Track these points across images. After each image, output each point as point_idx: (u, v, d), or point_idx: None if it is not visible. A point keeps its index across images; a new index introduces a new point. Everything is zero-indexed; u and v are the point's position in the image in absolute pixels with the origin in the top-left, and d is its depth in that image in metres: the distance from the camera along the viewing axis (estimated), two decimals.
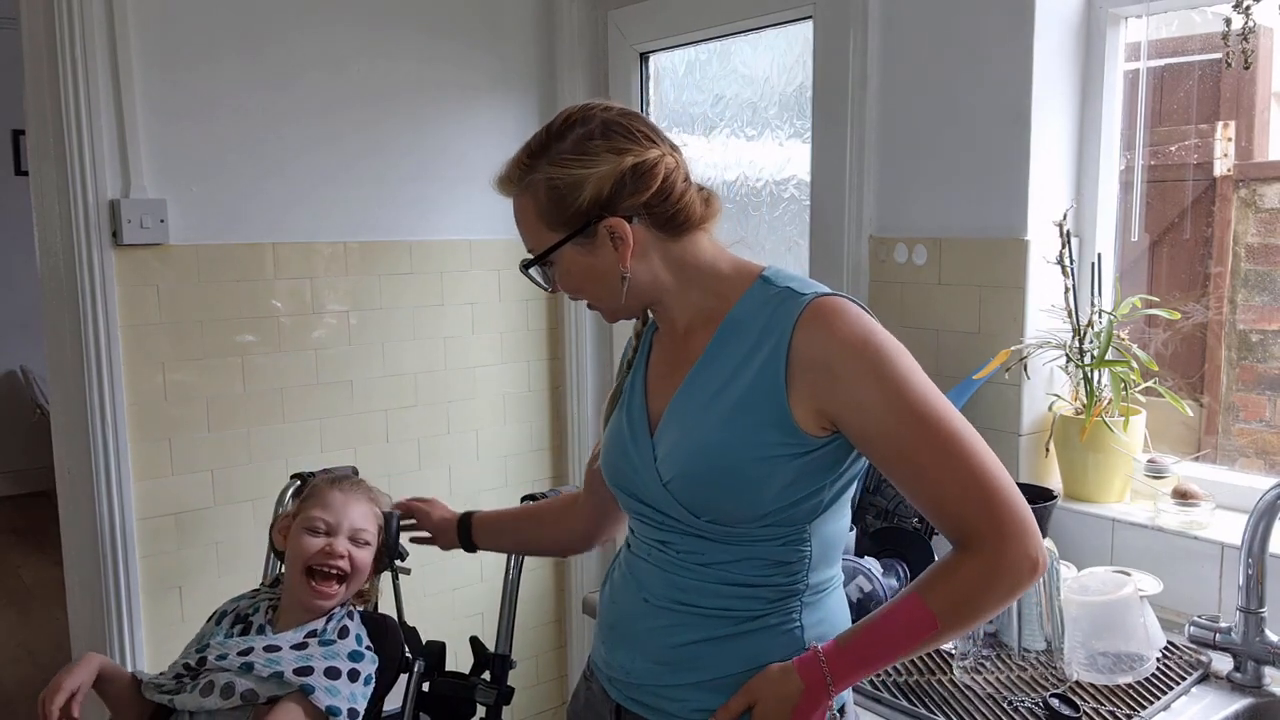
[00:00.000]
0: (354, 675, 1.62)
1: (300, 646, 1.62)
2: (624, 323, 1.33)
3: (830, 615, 1.23)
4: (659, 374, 1.28)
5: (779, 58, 2.46)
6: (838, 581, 1.25)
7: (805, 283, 1.20)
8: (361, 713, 1.62)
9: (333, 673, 1.60)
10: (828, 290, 1.17)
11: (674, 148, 1.21)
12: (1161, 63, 1.95)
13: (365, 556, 1.72)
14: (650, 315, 1.32)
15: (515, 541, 1.76)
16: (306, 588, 1.66)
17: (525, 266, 1.25)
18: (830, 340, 1.12)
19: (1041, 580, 1.59)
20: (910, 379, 1.11)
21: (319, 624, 1.66)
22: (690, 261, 1.21)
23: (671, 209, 1.18)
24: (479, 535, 1.72)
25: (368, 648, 1.68)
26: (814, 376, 1.12)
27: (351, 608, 1.73)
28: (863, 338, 1.11)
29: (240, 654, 1.60)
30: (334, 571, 1.66)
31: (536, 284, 1.27)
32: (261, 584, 1.86)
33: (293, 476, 2.05)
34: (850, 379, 1.11)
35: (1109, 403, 1.86)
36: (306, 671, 1.58)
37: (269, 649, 1.60)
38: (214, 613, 1.75)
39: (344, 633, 1.66)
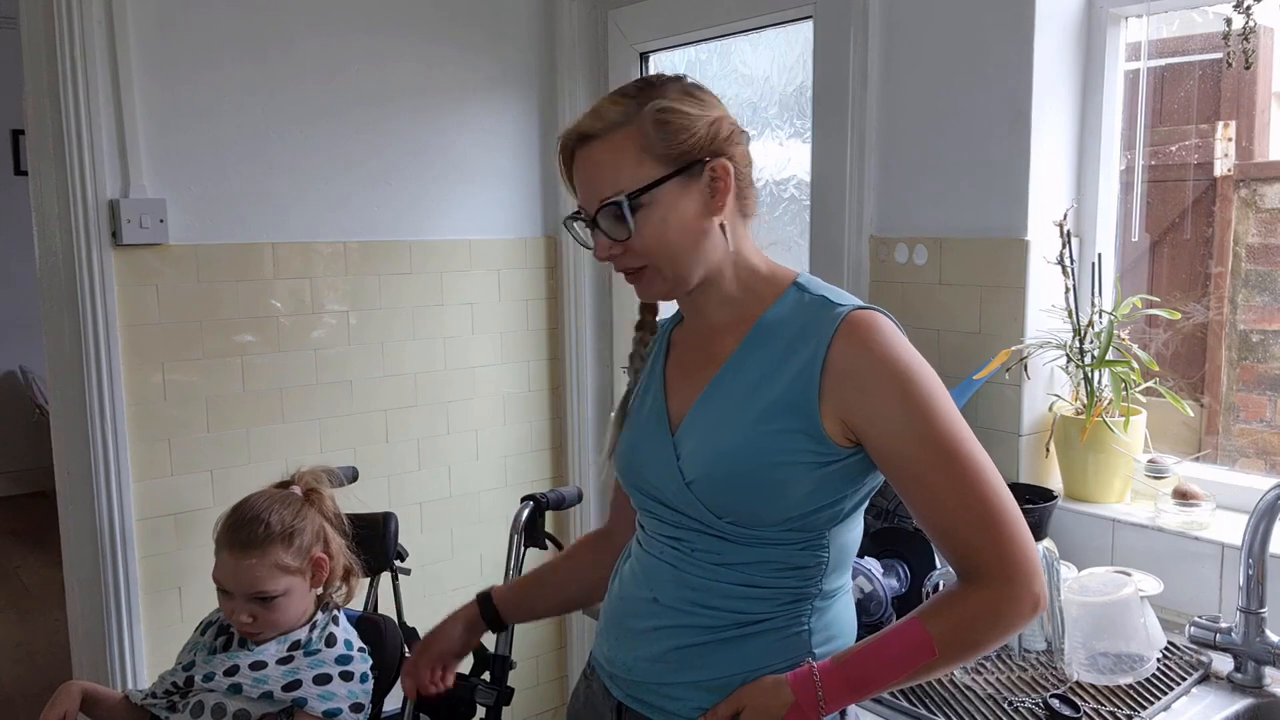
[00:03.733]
0: (346, 676, 1.61)
1: (286, 660, 1.61)
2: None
3: (838, 620, 1.22)
4: (680, 372, 1.27)
5: (779, 58, 2.46)
6: (848, 588, 1.25)
7: (839, 293, 1.20)
8: (367, 706, 1.61)
9: (322, 679, 1.59)
10: (864, 303, 1.18)
11: None
12: (1162, 62, 1.95)
13: (274, 611, 1.61)
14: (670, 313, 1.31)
15: (541, 598, 1.52)
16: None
17: (628, 198, 1.13)
18: (866, 354, 1.12)
19: None
20: (938, 406, 1.11)
21: (303, 634, 1.65)
22: (740, 248, 1.22)
23: (748, 181, 1.21)
24: (504, 607, 1.50)
25: (359, 649, 1.67)
26: (845, 388, 1.12)
27: (336, 613, 1.71)
28: (897, 357, 1.12)
29: (226, 673, 1.58)
30: (243, 630, 1.62)
31: (603, 235, 1.16)
32: None
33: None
34: (879, 396, 1.11)
35: (1109, 403, 1.86)
36: (295, 685, 1.57)
37: (254, 666, 1.59)
38: (201, 622, 1.75)
39: (331, 640, 1.65)
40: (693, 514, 1.19)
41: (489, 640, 1.93)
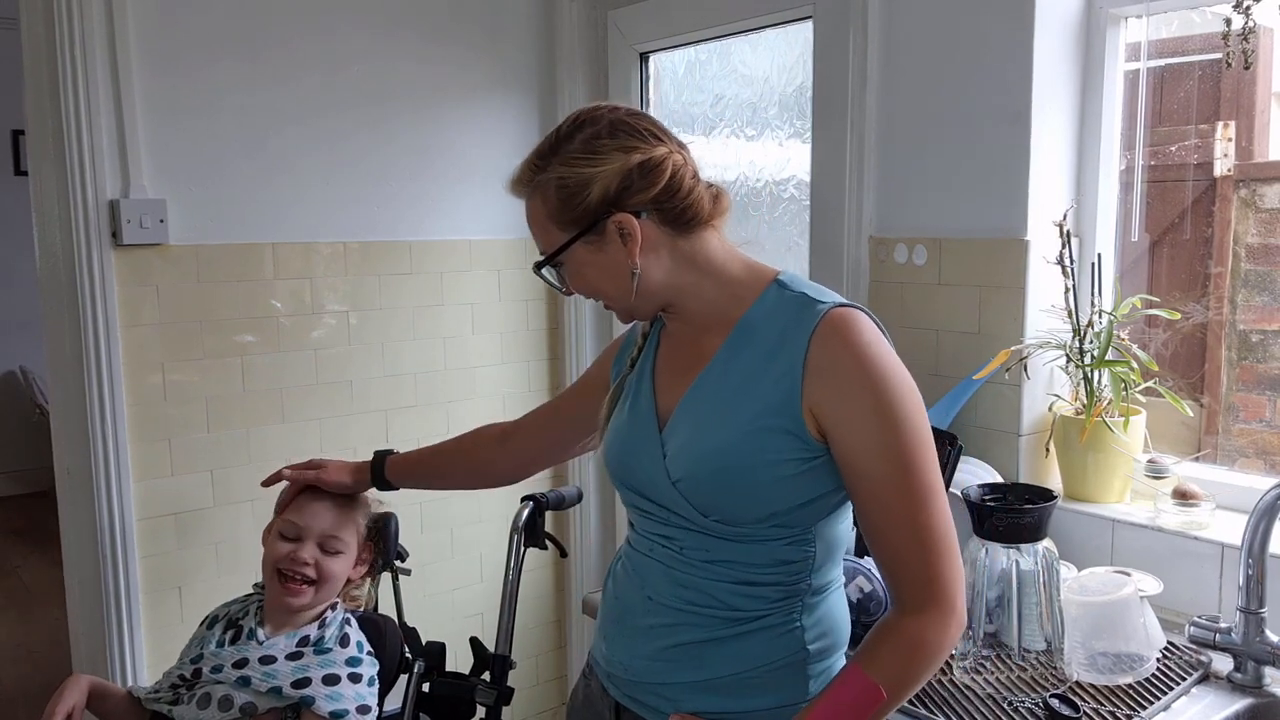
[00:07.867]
0: (355, 678, 1.62)
1: (295, 656, 1.61)
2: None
3: (829, 616, 1.23)
4: (668, 371, 1.28)
5: (779, 58, 2.46)
6: (839, 583, 1.26)
7: (821, 290, 1.20)
8: (374, 708, 1.62)
9: (331, 679, 1.59)
10: (845, 301, 1.18)
11: (681, 145, 1.23)
12: (1161, 63, 1.95)
13: (336, 565, 1.68)
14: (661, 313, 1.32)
15: (431, 473, 1.77)
16: (277, 588, 1.66)
17: (537, 268, 1.25)
18: (842, 353, 1.13)
19: (1042, 580, 1.59)
20: (907, 419, 1.12)
21: (312, 630, 1.66)
22: (701, 259, 1.22)
23: (680, 205, 1.19)
24: (393, 471, 1.73)
25: (368, 653, 1.68)
26: (820, 384, 1.13)
27: (348, 614, 1.72)
28: (875, 359, 1.13)
29: (235, 666, 1.59)
30: (298, 576, 1.65)
31: (550, 285, 1.27)
32: (255, 585, 1.85)
33: None
34: (851, 398, 1.12)
35: (1109, 403, 1.86)
36: (304, 683, 1.57)
37: (264, 660, 1.59)
38: (206, 617, 1.75)
39: (345, 641, 1.66)
40: (680, 511, 1.20)
41: (489, 640, 1.94)
